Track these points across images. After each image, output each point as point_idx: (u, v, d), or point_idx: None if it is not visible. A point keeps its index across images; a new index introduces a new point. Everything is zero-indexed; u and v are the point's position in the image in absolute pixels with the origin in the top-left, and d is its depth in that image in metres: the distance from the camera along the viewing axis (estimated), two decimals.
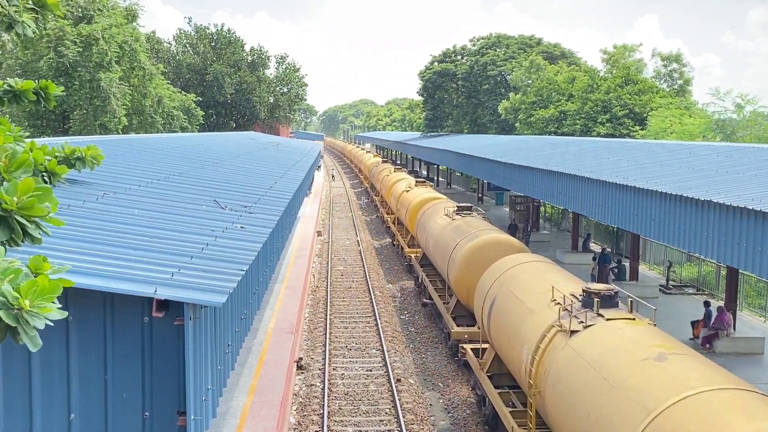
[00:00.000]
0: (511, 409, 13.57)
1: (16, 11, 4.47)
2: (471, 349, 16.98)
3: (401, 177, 42.75)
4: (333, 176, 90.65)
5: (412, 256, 29.12)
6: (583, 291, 11.40)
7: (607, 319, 10.53)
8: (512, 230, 35.32)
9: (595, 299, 11.05)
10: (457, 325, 19.77)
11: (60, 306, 3.29)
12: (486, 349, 15.97)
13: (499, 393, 14.36)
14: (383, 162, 60.69)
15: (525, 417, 12.36)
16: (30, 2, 4.69)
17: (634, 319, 10.60)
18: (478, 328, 16.65)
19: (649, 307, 11.32)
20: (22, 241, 3.55)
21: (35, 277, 3.37)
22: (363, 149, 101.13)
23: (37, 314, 3.14)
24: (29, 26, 4.58)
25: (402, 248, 33.54)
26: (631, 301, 11.27)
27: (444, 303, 21.83)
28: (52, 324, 3.22)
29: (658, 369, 8.74)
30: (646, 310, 11.70)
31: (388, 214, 43.34)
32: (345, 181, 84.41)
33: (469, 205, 24.31)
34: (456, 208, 24.02)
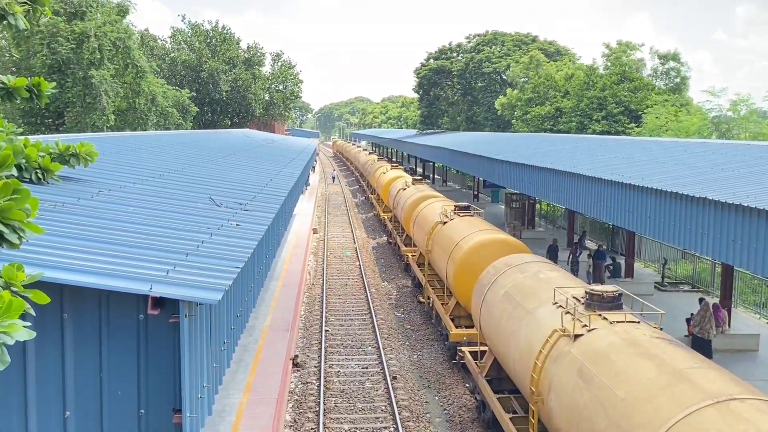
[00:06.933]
0: (511, 416, 13.09)
1: (7, 3, 4.43)
2: (470, 352, 16.49)
3: (398, 175, 42.60)
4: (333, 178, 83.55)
5: (409, 255, 28.98)
6: (587, 293, 10.97)
7: (612, 323, 10.06)
8: (552, 254, 29.39)
9: (599, 302, 10.64)
10: (456, 327, 19.34)
11: (37, 321, 3.16)
12: (485, 352, 15.45)
13: (499, 398, 13.87)
14: (379, 159, 60.45)
15: (526, 423, 11.85)
16: None
17: (639, 322, 10.15)
18: (477, 330, 16.20)
19: (657, 310, 10.88)
20: (0, 247, 3.43)
21: (5, 288, 3.24)
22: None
23: (4, 333, 3.04)
24: (21, 19, 4.54)
25: (399, 246, 33.46)
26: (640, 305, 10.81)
27: (443, 304, 21.37)
28: (21, 341, 3.12)
29: (670, 377, 8.30)
30: (652, 310, 11.24)
31: (384, 212, 43.26)
32: None
33: (468, 204, 24.24)
34: (454, 207, 23.88)
